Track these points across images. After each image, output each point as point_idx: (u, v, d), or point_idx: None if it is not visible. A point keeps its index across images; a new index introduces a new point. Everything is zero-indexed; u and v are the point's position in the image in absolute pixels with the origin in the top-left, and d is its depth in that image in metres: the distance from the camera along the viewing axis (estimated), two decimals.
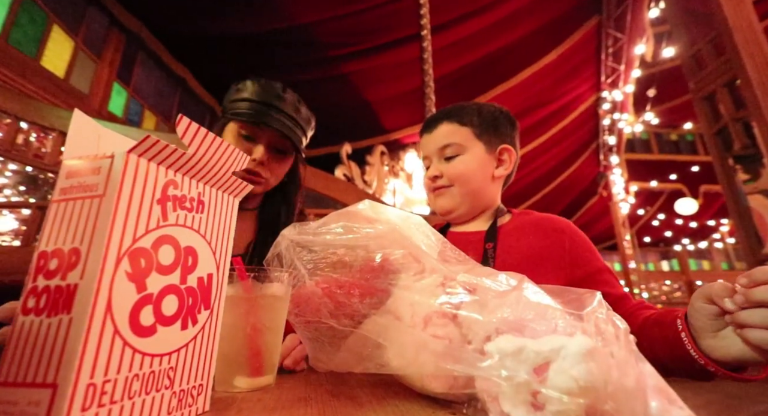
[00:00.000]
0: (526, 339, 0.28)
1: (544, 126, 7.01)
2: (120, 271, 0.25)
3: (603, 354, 0.25)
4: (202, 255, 0.33)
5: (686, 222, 10.07)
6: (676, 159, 9.53)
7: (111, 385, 0.24)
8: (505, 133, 0.76)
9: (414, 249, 0.41)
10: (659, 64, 6.61)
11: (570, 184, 8.71)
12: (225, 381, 0.41)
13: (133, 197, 0.27)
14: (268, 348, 0.44)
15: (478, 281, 0.35)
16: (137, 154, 0.27)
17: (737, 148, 3.45)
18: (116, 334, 0.25)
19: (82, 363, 0.23)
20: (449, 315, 0.34)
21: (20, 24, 2.43)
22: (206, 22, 3.72)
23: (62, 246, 0.25)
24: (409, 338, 0.36)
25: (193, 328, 0.32)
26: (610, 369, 0.25)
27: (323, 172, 3.38)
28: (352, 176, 5.06)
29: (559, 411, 0.25)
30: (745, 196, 3.43)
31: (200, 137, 0.31)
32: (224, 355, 0.41)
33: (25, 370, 0.23)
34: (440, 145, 0.74)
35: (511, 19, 5.00)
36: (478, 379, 0.30)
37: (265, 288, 0.45)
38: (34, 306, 0.25)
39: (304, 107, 0.77)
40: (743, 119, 3.37)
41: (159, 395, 0.28)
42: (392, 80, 4.99)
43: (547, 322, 0.28)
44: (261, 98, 0.71)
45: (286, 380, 0.48)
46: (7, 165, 2.26)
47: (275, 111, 0.71)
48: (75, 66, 2.82)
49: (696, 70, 3.82)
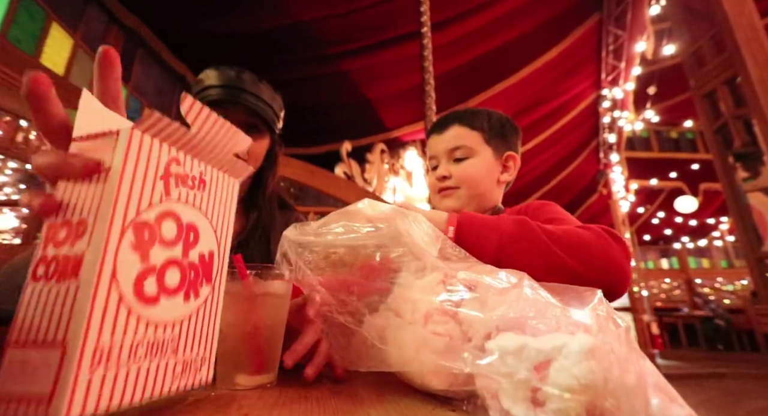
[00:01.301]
0: (528, 337, 0.28)
1: (544, 124, 7.00)
2: (125, 241, 0.26)
3: (604, 352, 0.25)
4: (203, 232, 0.34)
5: (686, 220, 10.07)
6: (676, 157, 9.51)
7: (117, 349, 0.26)
8: (511, 141, 0.80)
9: (414, 247, 0.41)
10: (660, 61, 6.59)
11: (570, 182, 8.70)
12: (226, 378, 0.41)
13: (137, 171, 0.28)
14: (269, 346, 0.44)
15: (478, 278, 0.35)
16: (141, 130, 0.28)
17: (737, 145, 3.44)
18: (121, 301, 0.26)
19: (89, 325, 0.24)
20: (450, 312, 0.34)
21: (19, 21, 2.42)
22: (205, 20, 3.70)
23: (70, 218, 0.27)
24: (409, 335, 0.36)
25: (195, 301, 0.33)
26: (611, 366, 0.25)
27: (323, 170, 3.37)
28: (352, 174, 5.05)
29: (560, 408, 0.25)
30: (744, 193, 3.43)
31: (203, 117, 0.32)
32: (225, 353, 0.41)
33: (36, 332, 0.24)
34: (450, 147, 0.76)
35: (512, 16, 4.98)
36: (478, 376, 0.30)
37: (266, 286, 0.45)
38: (43, 274, 0.26)
39: (266, 86, 0.78)
40: (744, 117, 3.37)
41: (164, 362, 0.29)
42: (392, 78, 4.97)
43: (548, 320, 0.29)
44: (219, 82, 0.73)
45: (286, 377, 0.48)
46: (6, 163, 2.26)
47: (235, 91, 0.73)
48: (74, 64, 2.81)
49: (696, 68, 3.81)
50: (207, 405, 0.34)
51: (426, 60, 3.01)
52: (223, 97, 0.72)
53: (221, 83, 0.73)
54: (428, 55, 3.02)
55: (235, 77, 0.74)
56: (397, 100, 5.29)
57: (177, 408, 0.32)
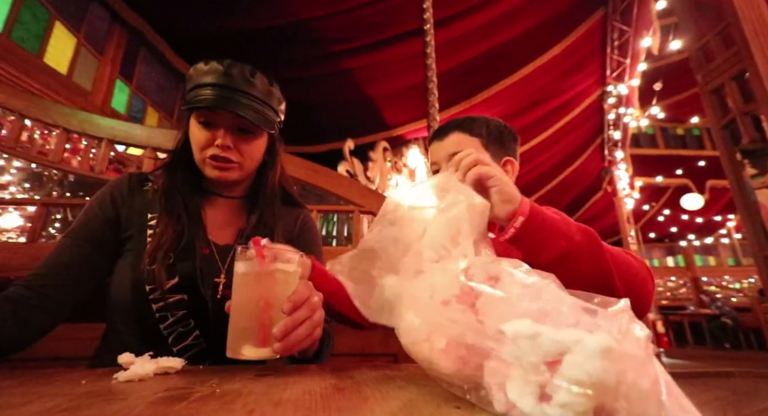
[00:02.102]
0: (545, 327, 0.27)
1: (549, 121, 6.95)
2: None
3: (620, 354, 0.24)
4: None
5: (692, 217, 9.98)
6: (682, 153, 9.42)
7: None
8: (509, 147, 0.83)
9: (464, 228, 0.42)
10: (666, 57, 6.52)
11: (574, 179, 8.66)
12: (235, 349, 0.48)
13: None
14: (273, 321, 0.49)
15: (501, 271, 0.35)
16: None
17: (745, 142, 3.40)
18: None
19: None
20: (469, 300, 0.34)
21: (23, 21, 2.43)
22: (207, 19, 3.70)
23: None
24: (424, 316, 0.37)
25: None
26: (627, 370, 0.24)
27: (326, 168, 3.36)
28: (355, 172, 5.04)
29: (566, 402, 0.24)
30: (752, 190, 3.39)
31: None
32: (236, 325, 0.50)
33: None
34: (450, 152, 0.78)
35: (515, 12, 4.94)
36: (487, 367, 0.30)
37: (278, 265, 0.52)
38: None
39: (260, 80, 0.74)
40: (752, 113, 3.32)
41: None
42: (395, 76, 4.96)
43: (568, 316, 0.28)
44: (210, 81, 0.70)
45: (291, 373, 0.48)
46: (11, 162, 2.28)
47: (226, 91, 0.69)
48: (78, 63, 2.82)
49: (704, 63, 3.77)
50: (212, 401, 0.33)
51: (429, 57, 2.98)
52: (210, 100, 0.68)
53: (209, 82, 0.70)
54: (431, 53, 3.00)
55: (222, 74, 0.70)
56: (399, 97, 5.28)
57: (183, 404, 0.32)
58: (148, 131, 1.31)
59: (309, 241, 0.87)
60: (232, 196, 0.82)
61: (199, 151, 0.72)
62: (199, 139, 0.72)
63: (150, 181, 0.77)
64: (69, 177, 2.51)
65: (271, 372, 0.48)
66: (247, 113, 0.70)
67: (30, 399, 0.35)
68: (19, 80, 2.29)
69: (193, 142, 0.73)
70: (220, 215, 0.80)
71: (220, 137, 0.71)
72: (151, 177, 0.79)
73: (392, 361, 1.16)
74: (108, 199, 0.73)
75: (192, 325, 0.67)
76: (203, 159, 0.73)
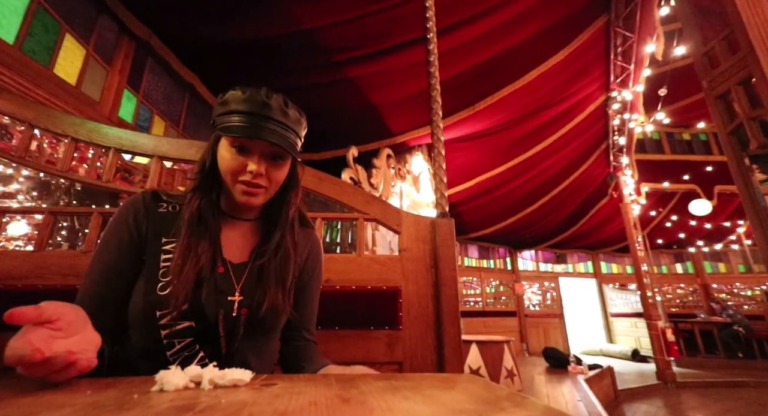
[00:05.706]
0: None
1: (553, 127, 6.94)
2: None
3: None
4: None
5: (700, 223, 9.84)
6: (688, 159, 9.33)
7: None
8: None
9: None
10: (670, 62, 6.51)
11: (579, 185, 8.60)
12: None
13: None
14: None
15: None
16: None
17: (753, 147, 3.37)
18: None
19: None
20: None
21: (34, 33, 2.49)
22: (213, 29, 3.77)
23: None
24: None
25: None
26: None
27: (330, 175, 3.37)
28: (359, 179, 5.05)
29: None
30: (762, 196, 3.34)
31: None
32: None
33: None
34: None
35: (518, 20, 4.97)
36: None
37: None
38: None
39: (293, 109, 0.77)
40: (760, 118, 3.29)
41: None
42: (398, 83, 4.99)
43: None
44: (248, 109, 0.72)
45: (296, 384, 0.47)
46: (20, 171, 2.31)
47: (263, 120, 0.72)
48: (86, 73, 2.88)
49: (709, 69, 3.75)
50: (218, 412, 0.33)
51: (432, 65, 3.00)
52: (247, 127, 0.70)
53: (246, 109, 0.71)
54: (434, 61, 3.01)
55: (261, 103, 0.72)
56: (403, 104, 5.30)
57: (188, 414, 0.32)
58: (155, 140, 1.32)
59: (316, 270, 0.91)
60: (247, 219, 0.85)
61: (231, 174, 0.74)
62: (231, 165, 0.74)
63: (163, 201, 0.80)
64: (76, 185, 2.55)
65: (277, 383, 0.48)
66: (281, 142, 0.73)
67: (37, 410, 0.35)
68: (30, 91, 2.34)
69: (224, 166, 0.75)
70: (235, 236, 0.82)
71: (255, 163, 0.73)
72: (164, 196, 0.81)
73: (397, 369, 1.15)
74: (132, 224, 0.75)
75: (197, 349, 0.68)
76: (234, 183, 0.75)
